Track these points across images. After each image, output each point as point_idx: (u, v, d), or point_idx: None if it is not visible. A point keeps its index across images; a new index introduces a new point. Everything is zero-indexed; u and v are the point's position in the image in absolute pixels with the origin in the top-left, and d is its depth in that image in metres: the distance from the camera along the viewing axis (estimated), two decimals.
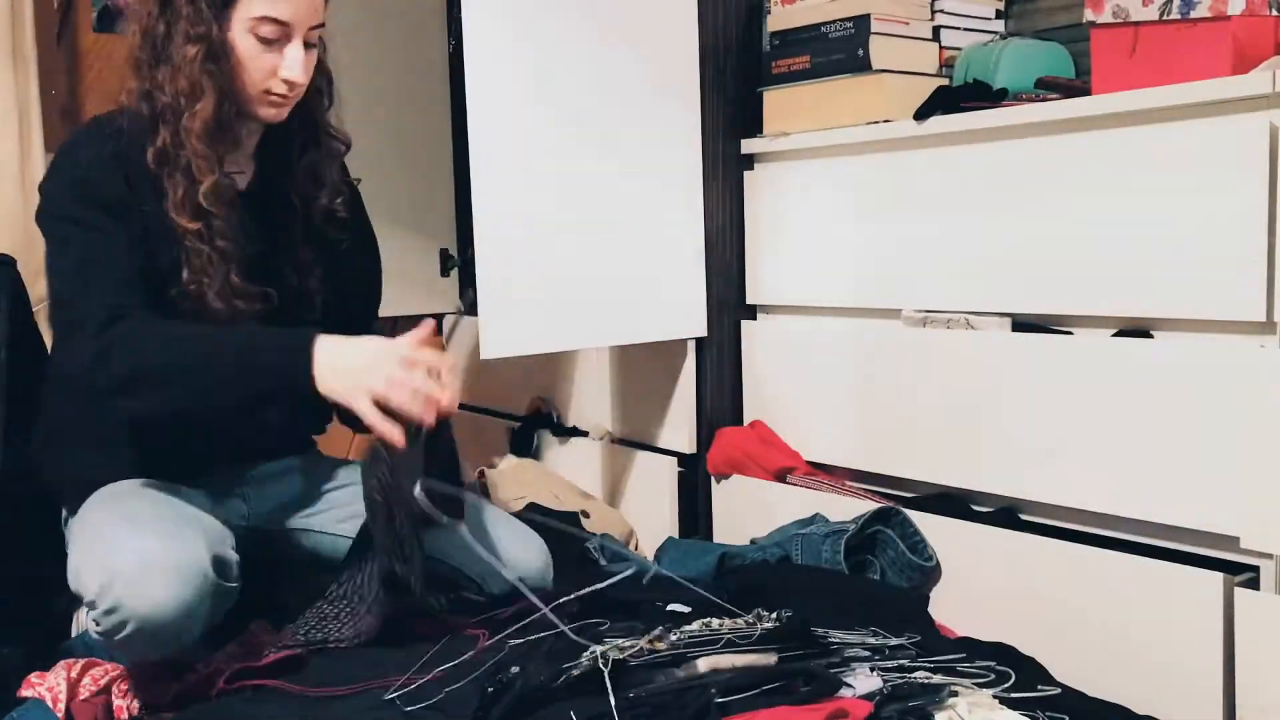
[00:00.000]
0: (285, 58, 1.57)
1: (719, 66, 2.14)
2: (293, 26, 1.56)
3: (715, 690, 1.31)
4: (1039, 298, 1.73)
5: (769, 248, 2.14)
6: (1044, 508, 1.73)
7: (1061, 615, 1.63)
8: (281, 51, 1.57)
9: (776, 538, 1.92)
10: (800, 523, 1.93)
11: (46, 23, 2.45)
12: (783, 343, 2.12)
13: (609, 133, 2.02)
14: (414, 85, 2.92)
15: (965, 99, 1.84)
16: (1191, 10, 1.57)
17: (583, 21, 1.98)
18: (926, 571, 1.78)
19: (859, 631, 1.59)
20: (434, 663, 1.42)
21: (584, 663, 1.39)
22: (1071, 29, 1.97)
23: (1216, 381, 1.49)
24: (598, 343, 2.23)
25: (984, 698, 1.40)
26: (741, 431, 2.15)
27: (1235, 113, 1.50)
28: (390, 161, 2.84)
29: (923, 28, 2.02)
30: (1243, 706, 1.45)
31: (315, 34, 1.61)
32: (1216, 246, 1.50)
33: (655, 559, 2.00)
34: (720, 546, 1.99)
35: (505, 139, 1.90)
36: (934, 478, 1.87)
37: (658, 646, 1.42)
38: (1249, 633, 1.44)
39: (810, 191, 2.06)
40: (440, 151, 2.99)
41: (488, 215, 1.89)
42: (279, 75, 1.57)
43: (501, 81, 1.89)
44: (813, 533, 1.86)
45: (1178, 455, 1.54)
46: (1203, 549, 1.54)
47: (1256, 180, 1.45)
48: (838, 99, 2.00)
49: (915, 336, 1.88)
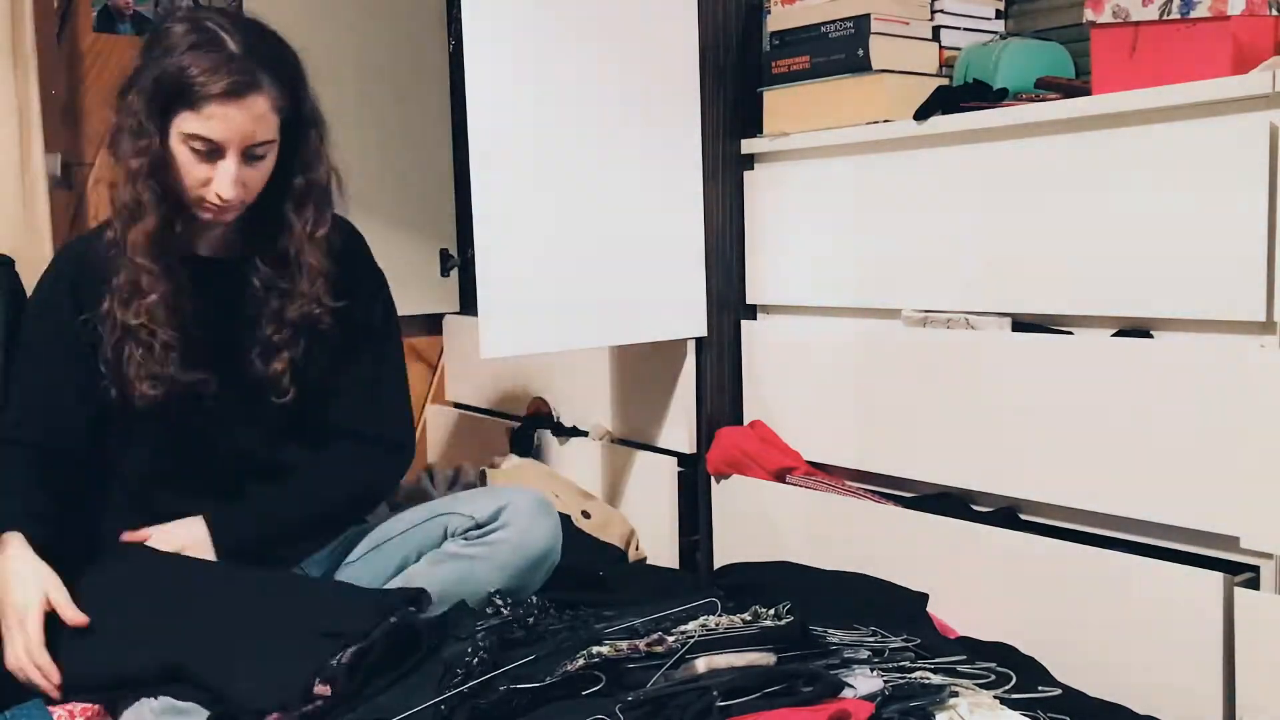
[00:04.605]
0: (217, 172, 1.57)
1: (719, 66, 2.14)
2: (224, 145, 1.56)
3: (718, 692, 1.31)
4: (1039, 298, 1.73)
5: (769, 248, 2.14)
6: (1044, 508, 1.73)
7: (1061, 615, 1.63)
8: (214, 165, 1.57)
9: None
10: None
11: (46, 23, 2.45)
12: (783, 343, 2.12)
13: (609, 133, 2.02)
14: (414, 85, 2.93)
15: (965, 99, 1.84)
16: (1191, 10, 1.57)
17: (582, 21, 1.98)
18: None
19: (859, 631, 1.59)
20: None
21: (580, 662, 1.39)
22: (1071, 29, 1.97)
23: (1216, 381, 1.49)
24: (598, 343, 2.23)
25: (985, 698, 1.40)
26: (741, 431, 2.15)
27: (1235, 113, 1.50)
28: (390, 161, 2.85)
29: (923, 28, 2.02)
30: (1243, 706, 1.45)
31: (262, 149, 1.59)
32: (1216, 246, 1.50)
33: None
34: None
35: (505, 139, 1.90)
36: (934, 478, 1.87)
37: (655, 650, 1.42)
38: (1249, 633, 1.44)
39: (810, 191, 2.06)
40: (440, 151, 2.99)
41: (488, 215, 1.89)
42: (210, 187, 1.58)
43: (501, 81, 1.89)
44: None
45: (1178, 455, 1.54)
46: (1203, 549, 1.54)
47: (1256, 180, 1.45)
48: (838, 99, 2.00)
49: (915, 336, 1.88)
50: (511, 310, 1.93)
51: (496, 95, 1.88)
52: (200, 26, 1.58)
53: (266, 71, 1.57)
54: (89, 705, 1.48)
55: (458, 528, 1.76)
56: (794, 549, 1.99)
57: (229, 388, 1.68)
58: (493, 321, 1.90)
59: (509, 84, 1.90)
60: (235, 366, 1.68)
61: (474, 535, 1.74)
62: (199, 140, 1.55)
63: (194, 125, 1.55)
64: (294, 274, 1.68)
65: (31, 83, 2.28)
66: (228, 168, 1.57)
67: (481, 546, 1.73)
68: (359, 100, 2.79)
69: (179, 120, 1.55)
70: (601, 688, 1.37)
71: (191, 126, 1.55)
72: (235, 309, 1.69)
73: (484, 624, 1.55)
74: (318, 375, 1.73)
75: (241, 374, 1.68)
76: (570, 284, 1.99)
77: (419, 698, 1.37)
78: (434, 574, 1.72)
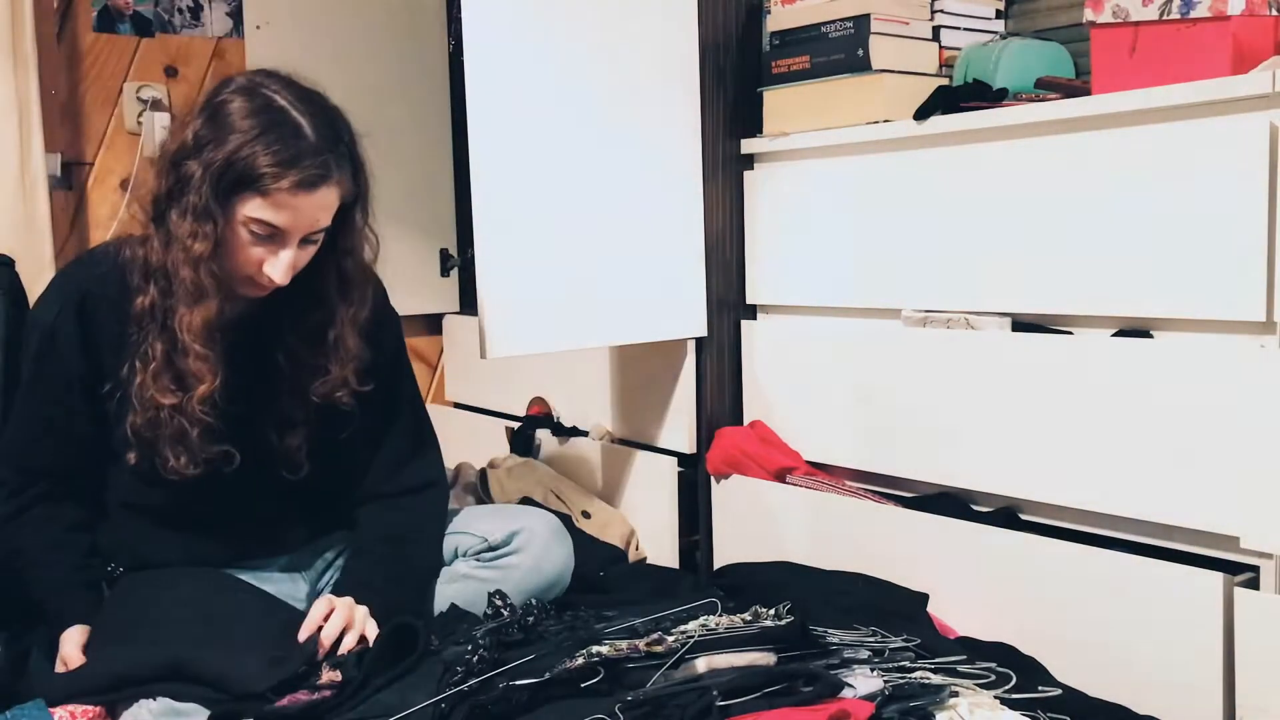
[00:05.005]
0: (276, 257, 1.52)
1: (719, 66, 2.14)
2: (288, 233, 1.51)
3: (718, 692, 1.31)
4: (1039, 298, 1.73)
5: (769, 248, 2.14)
6: (1044, 508, 1.73)
7: (1061, 615, 1.63)
8: (273, 249, 1.52)
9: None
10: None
11: (46, 23, 2.45)
12: (783, 343, 2.12)
13: (609, 133, 2.02)
14: (414, 85, 2.93)
15: (965, 99, 1.84)
16: (1191, 10, 1.57)
17: (582, 21, 1.98)
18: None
19: (859, 631, 1.59)
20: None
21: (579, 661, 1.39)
22: (1071, 29, 1.97)
23: (1216, 381, 1.49)
24: (598, 343, 2.23)
25: (985, 698, 1.40)
26: (741, 431, 2.15)
27: (1235, 113, 1.49)
28: (390, 161, 2.83)
29: (923, 28, 2.01)
30: (1243, 706, 1.45)
31: (318, 235, 1.55)
32: (1216, 246, 1.50)
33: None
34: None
35: (505, 139, 1.90)
36: (934, 478, 1.87)
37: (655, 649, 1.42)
38: (1249, 633, 1.44)
39: (810, 191, 2.06)
40: (440, 151, 2.99)
41: (488, 215, 1.89)
42: (263, 269, 1.53)
43: (501, 81, 1.89)
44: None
45: (1178, 455, 1.54)
46: (1203, 549, 1.54)
47: (1256, 180, 1.45)
48: (838, 99, 2.00)
49: (915, 336, 1.88)
50: (511, 310, 1.93)
51: (496, 95, 1.88)
52: (271, 106, 1.51)
53: (338, 160, 1.53)
54: (89, 707, 1.48)
55: (469, 548, 1.76)
56: (794, 549, 1.99)
57: (246, 461, 1.62)
58: (493, 321, 1.90)
59: (509, 84, 1.90)
60: (252, 439, 1.64)
61: (486, 557, 1.74)
62: (262, 225, 1.50)
63: (261, 212, 1.49)
64: (327, 354, 1.63)
65: (31, 82, 2.28)
66: (286, 254, 1.52)
67: (494, 570, 1.73)
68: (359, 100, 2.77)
69: (244, 204, 1.49)
70: (601, 684, 1.37)
71: (258, 213, 1.49)
72: (256, 381, 1.64)
73: (483, 625, 1.56)
74: (333, 454, 1.70)
75: (256, 447, 1.64)
76: (570, 284, 1.99)
77: (418, 696, 1.37)
78: (444, 593, 1.72)
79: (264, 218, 1.49)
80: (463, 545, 1.76)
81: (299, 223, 1.51)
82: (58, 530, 1.65)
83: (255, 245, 1.52)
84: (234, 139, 1.48)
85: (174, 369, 1.54)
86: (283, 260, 1.52)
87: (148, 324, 1.56)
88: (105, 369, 1.61)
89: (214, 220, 1.49)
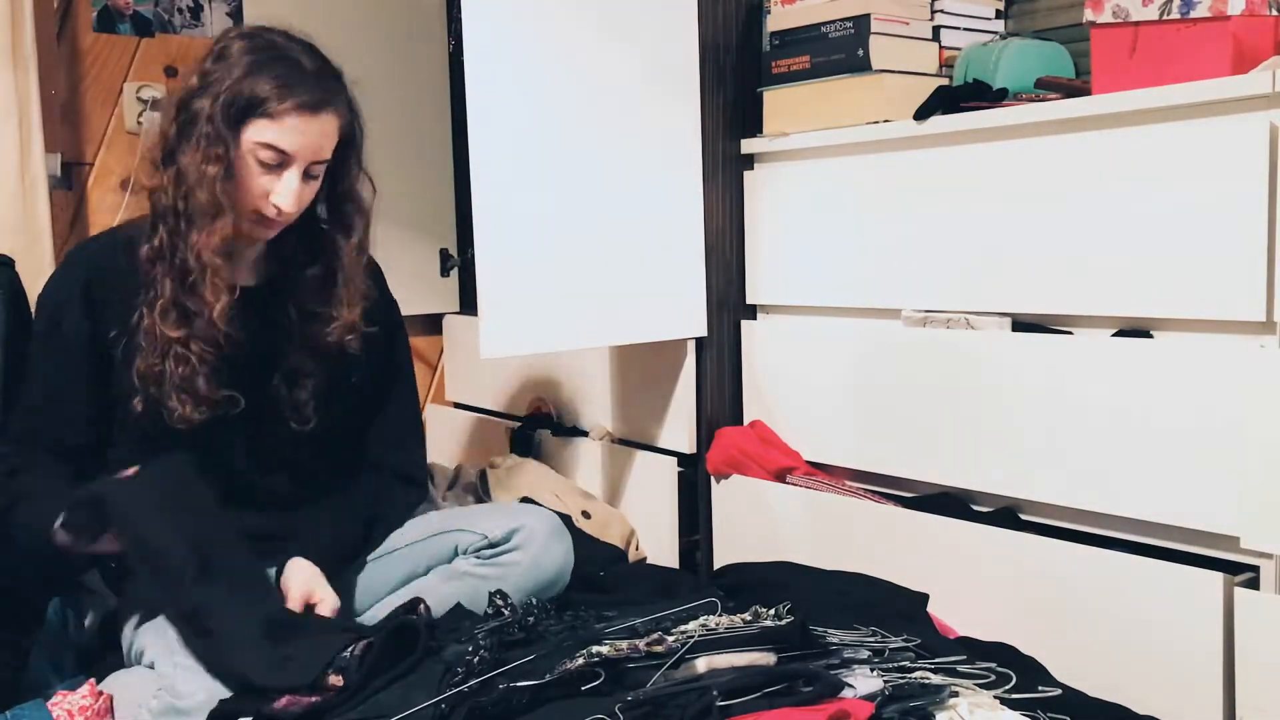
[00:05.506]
0: (281, 182, 1.59)
1: (719, 66, 2.14)
2: (293, 157, 1.58)
3: (718, 692, 1.31)
4: (1039, 298, 1.73)
5: (769, 248, 2.14)
6: (1044, 508, 1.73)
7: (1061, 615, 1.63)
8: (278, 176, 1.59)
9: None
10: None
11: (46, 23, 2.45)
12: (783, 343, 2.12)
13: (609, 133, 2.02)
14: (414, 85, 2.93)
15: (965, 99, 1.84)
16: (1191, 10, 1.57)
17: (582, 21, 1.98)
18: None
19: (859, 631, 1.59)
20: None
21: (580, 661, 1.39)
22: (1071, 29, 1.97)
23: (1216, 382, 1.49)
24: (598, 343, 2.23)
25: (985, 698, 1.40)
26: (741, 431, 2.15)
27: (1235, 113, 1.50)
28: (390, 161, 2.84)
29: (923, 28, 2.02)
30: (1243, 706, 1.45)
31: (318, 168, 1.63)
32: (1216, 246, 1.50)
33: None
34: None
35: (505, 139, 1.90)
36: (934, 478, 1.87)
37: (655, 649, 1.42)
38: (1249, 633, 1.44)
39: (810, 191, 2.06)
40: (440, 151, 2.99)
41: (488, 215, 1.89)
42: (270, 199, 1.59)
43: (501, 81, 1.89)
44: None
45: (1178, 455, 1.54)
46: (1203, 549, 1.54)
47: (1256, 180, 1.45)
48: (838, 99, 2.00)
49: (915, 336, 1.88)
50: (511, 310, 1.93)
51: (496, 95, 1.88)
52: (270, 43, 1.61)
53: (336, 91, 1.62)
54: (88, 704, 1.48)
55: (469, 545, 1.76)
56: (794, 549, 1.99)
57: (251, 412, 1.68)
58: (492, 321, 1.90)
59: (509, 84, 1.90)
60: (258, 392, 1.68)
61: (486, 554, 1.75)
62: (270, 150, 1.57)
63: (269, 134, 1.56)
64: (337, 298, 1.69)
65: (31, 83, 2.28)
66: (290, 180, 1.59)
67: (494, 567, 1.73)
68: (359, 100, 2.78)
69: (252, 129, 1.57)
70: (601, 685, 1.37)
71: (266, 135, 1.56)
72: (264, 335, 1.69)
73: (484, 625, 1.56)
74: (340, 405, 1.75)
75: (263, 401, 1.69)
76: (570, 284, 1.99)
77: (419, 696, 1.37)
78: (443, 590, 1.73)
79: (272, 140, 1.56)
80: (463, 543, 1.76)
81: (302, 146, 1.58)
82: (59, 484, 1.65)
83: (263, 174, 1.58)
84: (238, 71, 1.57)
85: (180, 306, 1.59)
86: (286, 186, 1.59)
87: (157, 266, 1.60)
88: (113, 332, 1.64)
89: (225, 144, 1.56)
